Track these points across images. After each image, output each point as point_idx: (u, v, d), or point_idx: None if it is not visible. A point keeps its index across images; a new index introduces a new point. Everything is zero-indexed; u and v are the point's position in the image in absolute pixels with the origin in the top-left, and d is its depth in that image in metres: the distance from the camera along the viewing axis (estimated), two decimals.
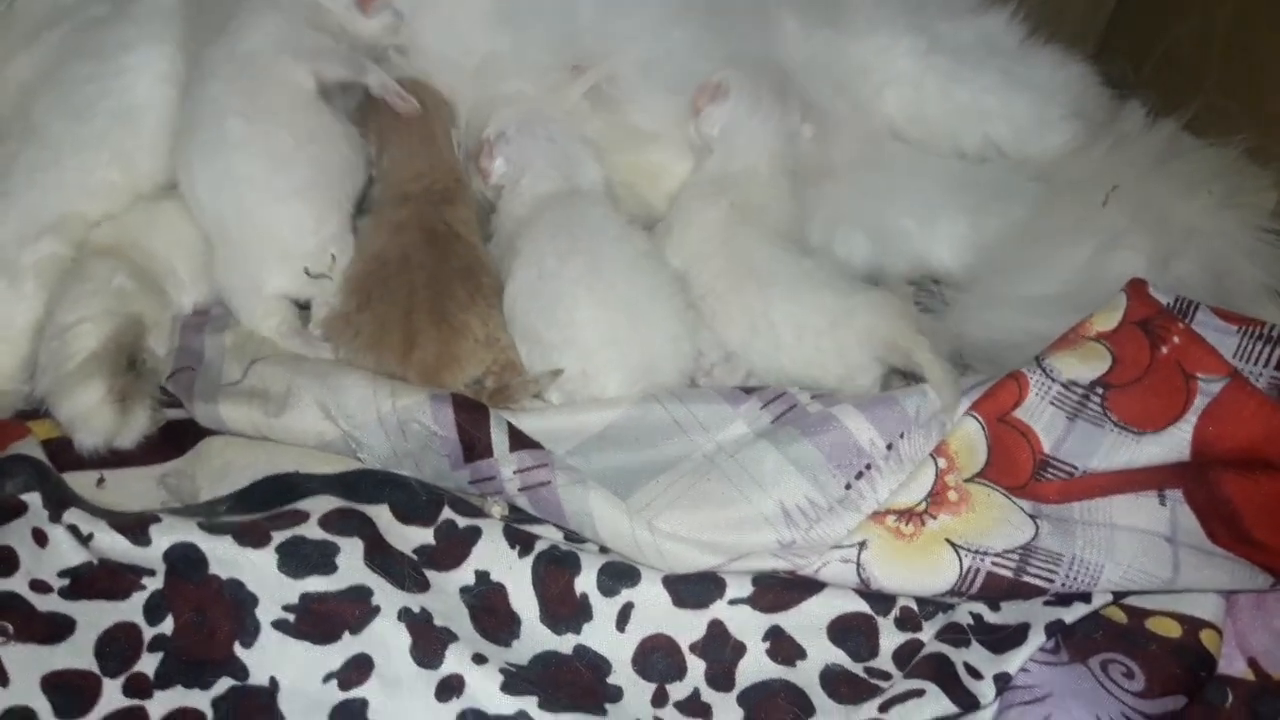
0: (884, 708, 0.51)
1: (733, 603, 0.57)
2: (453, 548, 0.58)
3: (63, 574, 0.56)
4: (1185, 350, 0.60)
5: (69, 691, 0.52)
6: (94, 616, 0.55)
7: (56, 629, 0.54)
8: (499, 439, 0.59)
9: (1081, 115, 0.80)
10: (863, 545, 0.56)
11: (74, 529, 0.56)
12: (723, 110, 0.75)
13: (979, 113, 0.79)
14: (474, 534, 0.58)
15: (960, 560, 0.55)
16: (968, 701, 0.51)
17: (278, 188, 0.65)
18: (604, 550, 0.59)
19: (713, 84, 0.75)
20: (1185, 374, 0.59)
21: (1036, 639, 0.54)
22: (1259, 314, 0.64)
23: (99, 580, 0.56)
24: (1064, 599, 0.56)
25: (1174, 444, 0.58)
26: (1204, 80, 0.86)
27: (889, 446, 0.59)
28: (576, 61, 0.77)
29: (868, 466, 0.59)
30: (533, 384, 0.64)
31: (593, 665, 0.55)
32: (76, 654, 0.53)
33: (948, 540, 0.56)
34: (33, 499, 0.58)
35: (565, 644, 0.56)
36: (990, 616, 0.57)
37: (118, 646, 0.54)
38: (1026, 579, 0.55)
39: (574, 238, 0.67)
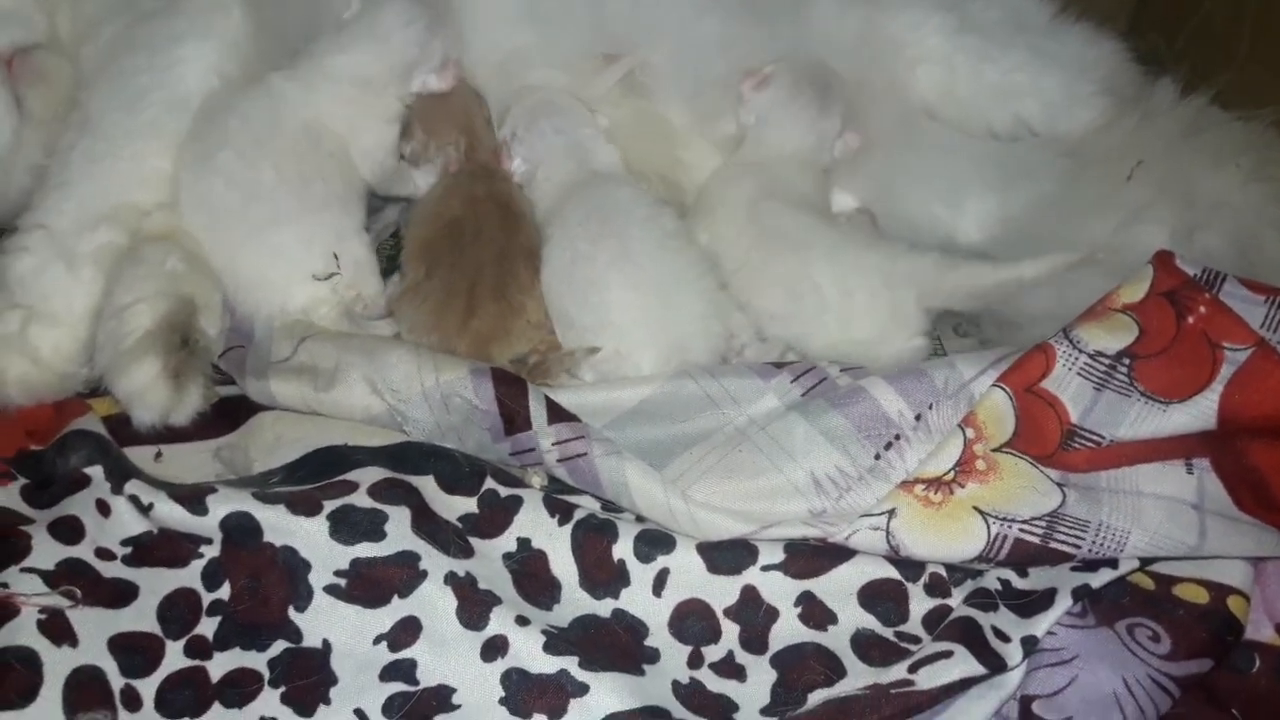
0: (913, 669, 0.53)
1: (765, 569, 0.58)
2: (495, 516, 0.60)
3: (125, 542, 0.59)
4: (1211, 320, 0.60)
5: (134, 651, 0.55)
6: (155, 582, 0.58)
7: (121, 594, 0.57)
8: (537, 412, 0.61)
9: (1113, 92, 0.80)
10: (892, 513, 0.58)
11: (135, 499, 0.59)
12: (763, 99, 0.76)
13: (1009, 91, 0.79)
14: (515, 503, 0.60)
15: (988, 527, 0.57)
16: (995, 663, 0.52)
17: (254, 218, 0.68)
18: (640, 519, 0.61)
19: (762, 74, 0.77)
20: (1211, 343, 0.60)
21: (1063, 603, 0.55)
22: None
23: (159, 548, 0.59)
24: (1091, 565, 0.57)
25: (1200, 413, 0.59)
26: (1236, 53, 0.85)
27: (917, 417, 0.61)
28: (607, 51, 0.79)
29: (896, 437, 0.60)
30: (569, 357, 0.67)
31: (630, 628, 0.57)
32: (140, 617, 0.56)
33: (975, 508, 0.57)
34: (95, 472, 0.61)
35: (604, 608, 0.58)
36: (1018, 582, 0.58)
37: (178, 610, 0.57)
38: (1053, 545, 0.56)
39: (604, 221, 0.69)
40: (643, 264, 0.67)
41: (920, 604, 0.58)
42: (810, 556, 0.59)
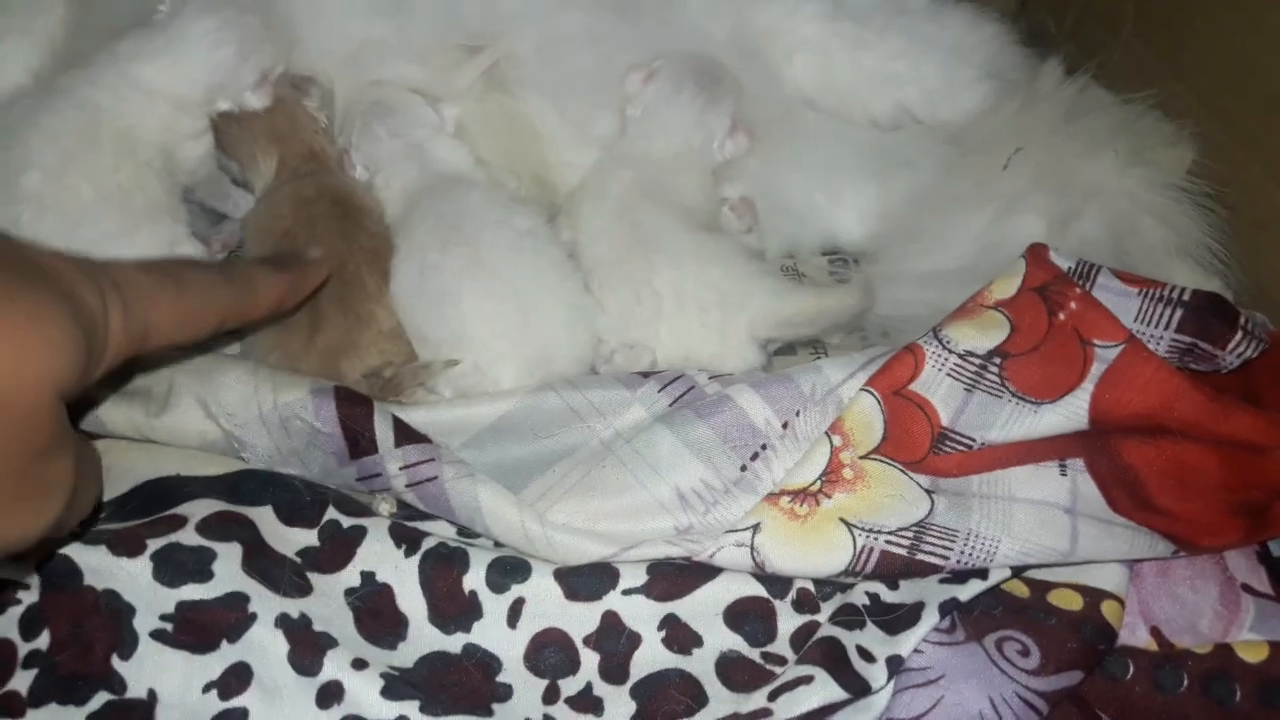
0: (772, 696, 0.50)
1: (626, 593, 0.56)
2: (337, 549, 0.56)
3: None
4: (1082, 316, 0.58)
5: None
6: None
7: None
8: (384, 434, 0.58)
9: (996, 76, 0.78)
10: (756, 528, 0.55)
11: None
12: (649, 92, 0.73)
13: (888, 78, 0.76)
14: (359, 534, 0.57)
15: (854, 540, 0.54)
16: (858, 686, 0.50)
17: (79, 240, 0.62)
18: (497, 545, 0.58)
19: (649, 67, 0.74)
20: (1082, 340, 0.58)
21: (930, 618, 0.53)
22: (1167, 275, 0.63)
23: None
24: (960, 576, 0.55)
25: (1072, 412, 0.57)
26: (1121, 30, 0.84)
27: (784, 425, 0.58)
28: (468, 40, 0.74)
29: (763, 447, 0.58)
30: (424, 370, 0.63)
31: (482, 664, 0.54)
32: None
33: (841, 519, 0.55)
34: None
35: (454, 644, 0.55)
36: (887, 595, 0.56)
37: None
38: (920, 556, 0.54)
39: (453, 227, 0.65)
40: (497, 271, 0.63)
41: (788, 621, 0.56)
42: (674, 577, 0.56)
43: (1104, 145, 0.69)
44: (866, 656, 0.52)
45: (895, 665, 0.51)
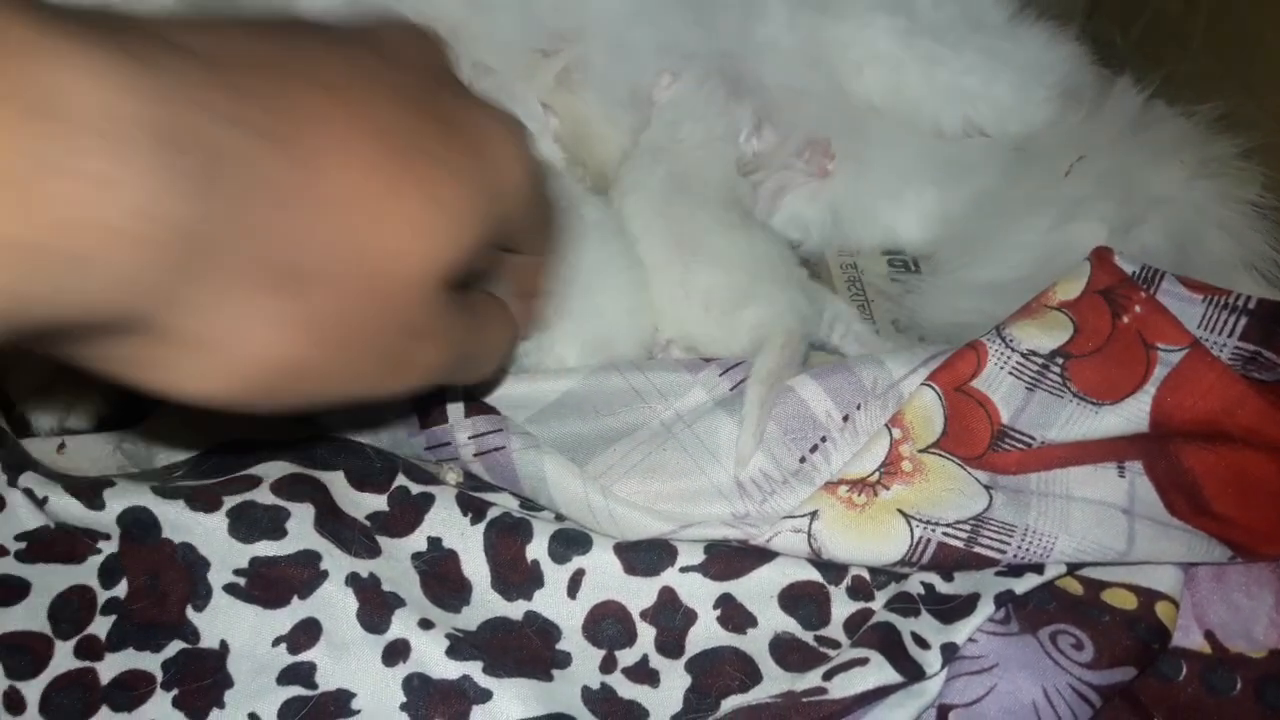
0: (827, 676, 0.51)
1: (684, 570, 0.57)
2: (405, 514, 0.58)
3: (19, 537, 0.56)
4: (1146, 319, 0.59)
5: (22, 652, 0.52)
6: (49, 580, 0.55)
7: (11, 592, 0.54)
8: (453, 405, 0.59)
9: (1068, 95, 0.78)
10: (814, 515, 0.56)
11: (30, 493, 0.57)
12: (674, 87, 0.75)
13: (960, 93, 0.77)
14: (427, 501, 0.58)
15: (911, 530, 0.55)
16: (913, 671, 0.51)
17: None
18: (558, 518, 0.59)
19: (670, 76, 0.76)
20: (1145, 344, 0.58)
21: (985, 609, 0.53)
22: (1229, 285, 0.63)
23: (55, 544, 0.56)
24: (1016, 570, 0.55)
25: (1133, 415, 0.57)
26: (1189, 45, 0.84)
27: (845, 418, 0.59)
28: (545, 43, 0.76)
29: (823, 439, 0.59)
30: None
31: (542, 631, 0.55)
32: (30, 616, 0.54)
33: (899, 510, 0.56)
34: None
35: (516, 610, 0.56)
36: (942, 586, 0.56)
37: (71, 609, 0.54)
38: (978, 549, 0.55)
39: None
40: (564, 256, 0.65)
41: (842, 608, 0.56)
42: (731, 558, 0.57)
43: (1170, 156, 0.70)
44: (921, 643, 0.52)
45: (950, 653, 0.52)
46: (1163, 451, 0.57)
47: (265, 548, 0.55)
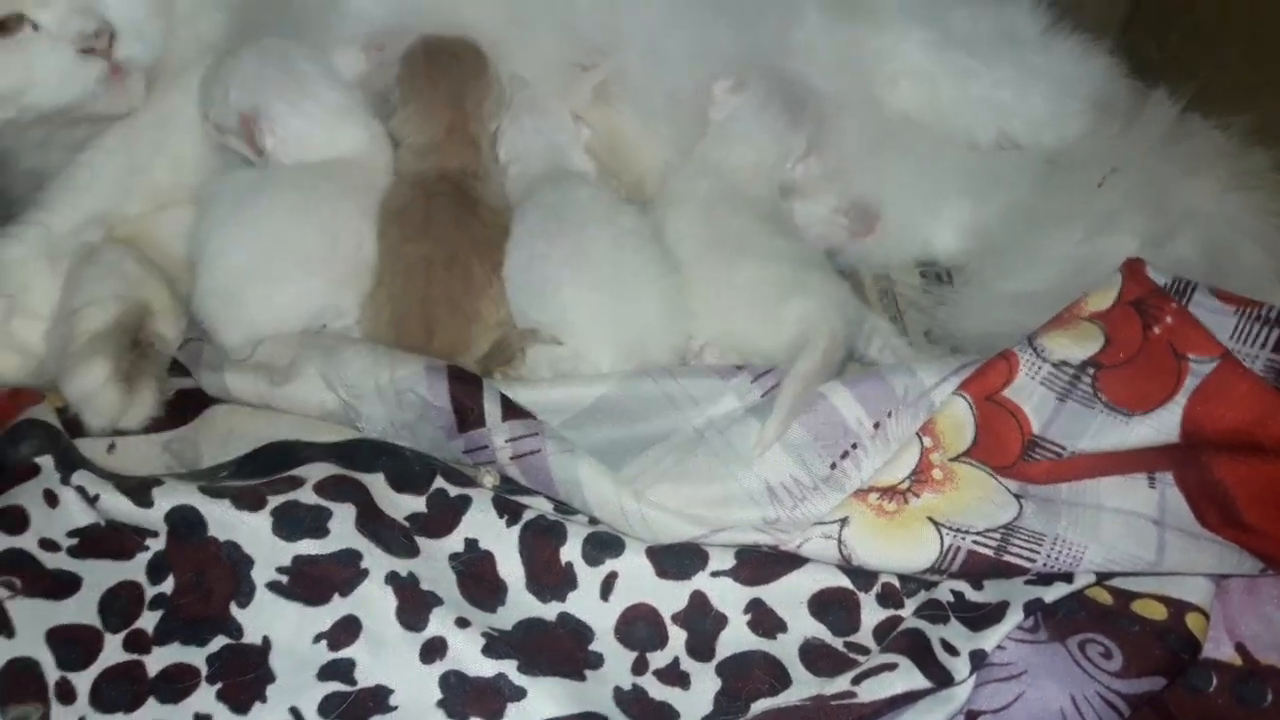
0: (856, 680, 0.52)
1: (715, 574, 0.58)
2: (443, 516, 0.59)
3: (71, 534, 0.58)
4: (1177, 330, 0.59)
5: (73, 644, 0.54)
6: (99, 575, 0.57)
7: (63, 585, 0.56)
8: (491, 409, 0.61)
9: (1102, 107, 0.79)
10: (845, 522, 0.57)
11: (82, 490, 0.59)
12: (734, 101, 0.75)
13: (994, 106, 0.78)
14: (464, 503, 0.60)
15: (941, 538, 0.56)
16: (941, 677, 0.51)
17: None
18: (592, 521, 0.60)
19: (738, 79, 0.76)
20: (1176, 354, 0.58)
21: (1014, 617, 0.54)
22: (1265, 299, 0.63)
23: (105, 540, 0.58)
24: (1045, 578, 0.56)
25: (1164, 425, 0.58)
26: (1225, 58, 0.84)
27: (876, 426, 0.60)
28: (583, 56, 0.78)
29: (854, 446, 0.59)
30: (529, 334, 0.66)
31: (575, 633, 0.56)
32: (81, 610, 0.56)
33: (929, 518, 0.56)
34: (45, 462, 0.60)
35: (549, 611, 0.57)
36: (971, 594, 0.57)
37: (120, 604, 0.56)
38: (1007, 558, 0.55)
39: (561, 219, 0.68)
40: (599, 263, 0.67)
41: (872, 614, 0.57)
42: (761, 563, 0.58)
43: (1203, 169, 0.70)
44: (950, 649, 0.53)
45: (978, 659, 0.52)
46: (1194, 462, 0.58)
47: (308, 546, 0.56)
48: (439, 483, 0.61)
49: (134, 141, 0.71)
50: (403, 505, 0.60)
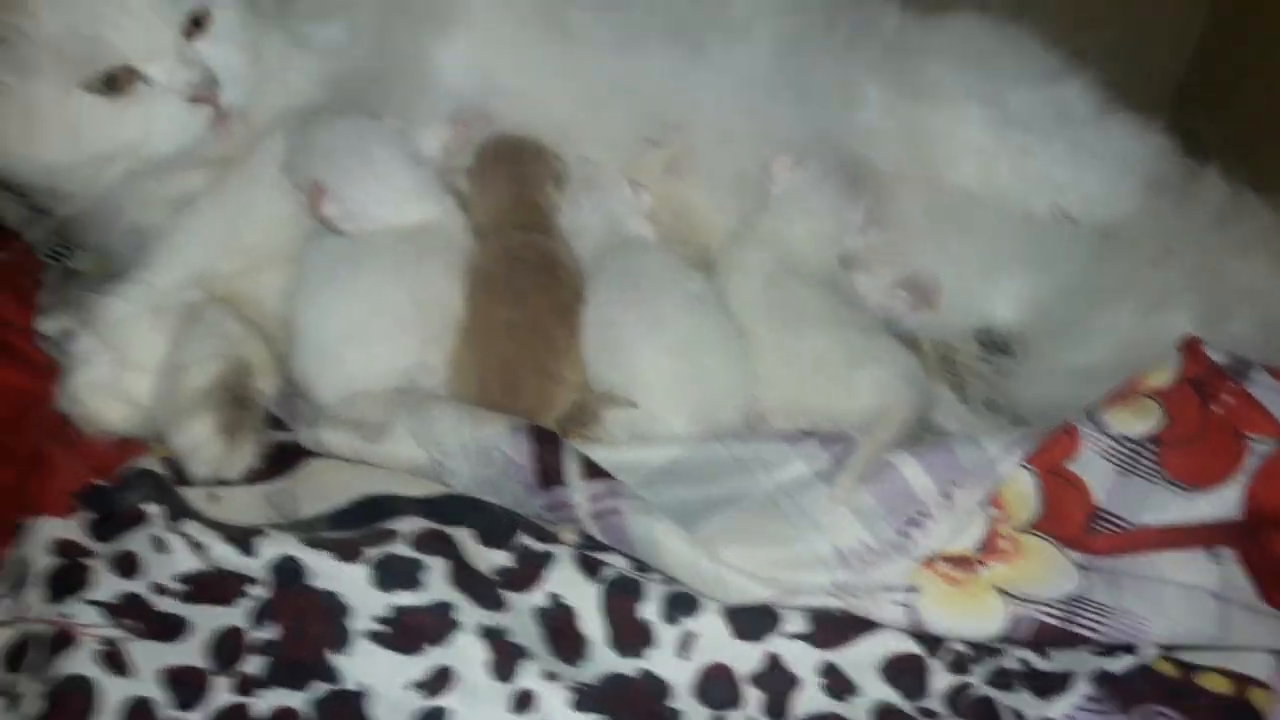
0: None
1: (790, 637, 0.60)
2: (528, 570, 0.62)
3: (178, 579, 0.62)
4: (1237, 409, 0.61)
5: (184, 685, 0.58)
6: (205, 619, 0.60)
7: (173, 628, 0.60)
8: (571, 468, 0.63)
9: (1156, 184, 0.81)
10: (915, 589, 0.59)
11: (189, 538, 0.62)
12: (793, 177, 0.79)
13: (1050, 183, 0.80)
14: (547, 558, 0.63)
15: (1010, 608, 0.58)
16: None
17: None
18: (668, 580, 0.63)
19: (794, 156, 0.80)
20: (1237, 433, 0.60)
21: (1081, 687, 0.56)
22: None
23: (211, 586, 0.62)
24: (1111, 650, 0.58)
25: (1225, 502, 0.60)
26: (1277, 134, 0.86)
27: (943, 495, 0.62)
28: (654, 132, 0.81)
29: (921, 514, 0.62)
30: (606, 398, 0.69)
31: (655, 689, 0.59)
32: (190, 652, 0.59)
33: (997, 588, 0.58)
34: (154, 510, 0.64)
35: (630, 667, 0.60)
36: (1038, 663, 0.59)
37: (226, 647, 0.59)
38: (1074, 629, 0.57)
39: (634, 286, 0.72)
40: (671, 327, 0.70)
41: (941, 680, 0.59)
42: (834, 627, 0.60)
43: (1257, 247, 0.72)
44: (1018, 718, 0.55)
45: None
46: (1256, 540, 0.59)
47: (404, 597, 0.60)
48: (523, 538, 0.64)
49: (223, 203, 0.75)
50: (490, 559, 0.63)
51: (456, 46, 0.79)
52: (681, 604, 0.61)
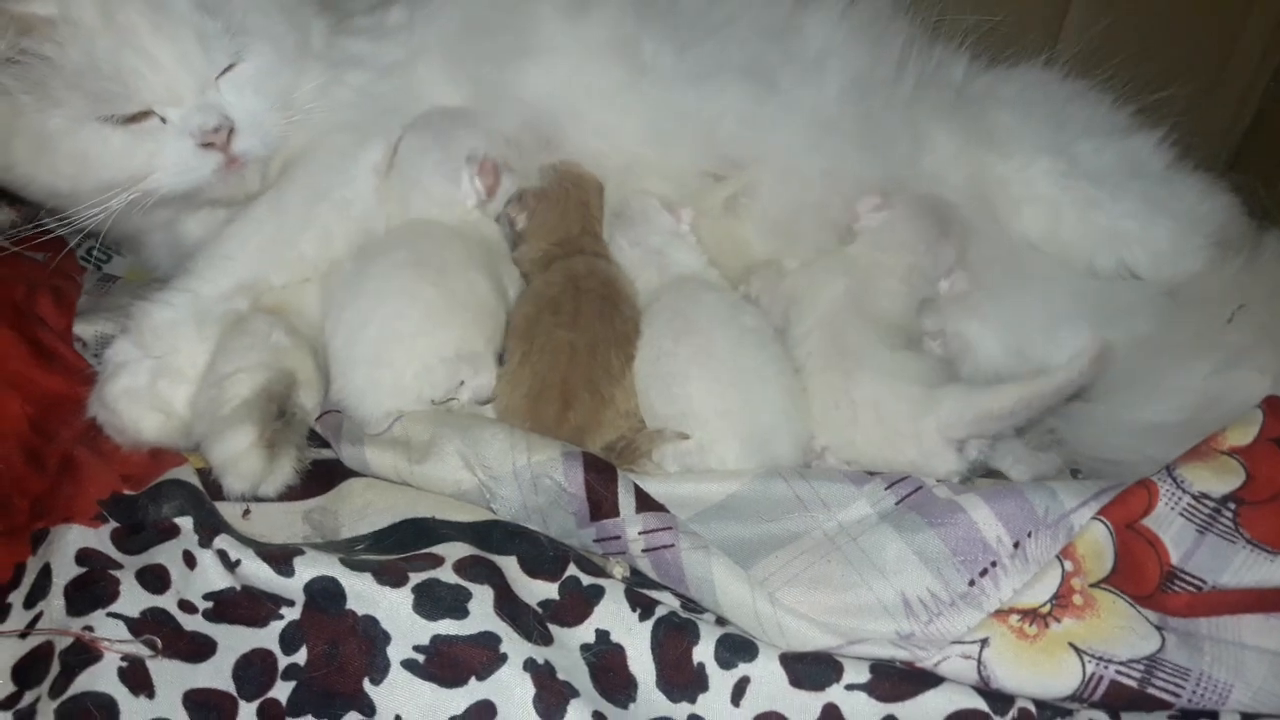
0: None
1: (850, 688, 0.57)
2: (576, 604, 0.59)
3: (207, 596, 0.59)
4: None
5: (208, 709, 0.55)
6: (234, 640, 0.57)
7: (200, 648, 0.57)
8: (625, 500, 0.61)
9: (1222, 244, 0.80)
10: (985, 643, 0.56)
11: (223, 554, 0.60)
12: (880, 216, 0.78)
13: (1116, 237, 0.80)
14: (597, 593, 0.60)
15: (1084, 666, 0.55)
16: None
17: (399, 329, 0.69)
18: (721, 622, 0.60)
19: (879, 196, 0.79)
20: None
21: None
22: None
23: (240, 606, 0.59)
24: (1188, 715, 0.55)
25: None
26: None
27: (1016, 545, 0.60)
28: (717, 169, 0.81)
29: (993, 564, 0.59)
30: (656, 435, 0.67)
31: None
32: (217, 674, 0.56)
33: (1071, 644, 0.56)
34: (185, 523, 0.61)
35: (679, 712, 0.57)
36: None
37: (254, 671, 0.56)
38: (1151, 691, 0.54)
39: (688, 320, 0.72)
40: (724, 360, 0.69)
41: None
42: (897, 680, 0.57)
43: None
44: None
45: None
46: None
47: (448, 626, 0.57)
48: (572, 570, 0.61)
49: (283, 214, 0.74)
50: (536, 590, 0.60)
51: (530, 75, 0.78)
52: (738, 648, 0.58)
